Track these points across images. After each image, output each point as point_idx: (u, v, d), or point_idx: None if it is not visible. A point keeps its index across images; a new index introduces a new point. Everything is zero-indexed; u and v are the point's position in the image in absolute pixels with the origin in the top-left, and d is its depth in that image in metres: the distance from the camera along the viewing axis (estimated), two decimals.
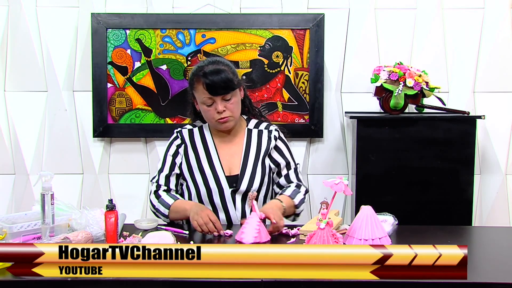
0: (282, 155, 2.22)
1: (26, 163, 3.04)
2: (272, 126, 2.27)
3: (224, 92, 2.07)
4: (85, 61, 2.99)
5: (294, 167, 2.24)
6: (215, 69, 2.08)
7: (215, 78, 2.05)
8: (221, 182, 2.12)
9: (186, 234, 1.94)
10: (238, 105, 2.15)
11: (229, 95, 2.09)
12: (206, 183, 2.12)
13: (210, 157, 2.16)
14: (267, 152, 2.19)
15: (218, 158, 2.16)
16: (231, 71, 2.12)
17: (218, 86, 2.05)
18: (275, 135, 2.23)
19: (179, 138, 2.22)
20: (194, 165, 2.16)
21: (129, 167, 3.06)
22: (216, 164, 2.15)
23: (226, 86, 2.07)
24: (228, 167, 2.15)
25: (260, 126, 2.26)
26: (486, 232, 2.28)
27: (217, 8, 2.99)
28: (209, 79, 2.05)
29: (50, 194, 1.76)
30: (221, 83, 2.05)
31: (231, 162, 2.16)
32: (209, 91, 2.06)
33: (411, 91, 2.69)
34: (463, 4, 2.99)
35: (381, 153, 2.69)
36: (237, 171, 2.15)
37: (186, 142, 2.20)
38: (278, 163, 2.21)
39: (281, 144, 2.24)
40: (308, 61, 2.97)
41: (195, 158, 2.17)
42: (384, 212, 1.98)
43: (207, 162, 2.15)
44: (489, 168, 3.03)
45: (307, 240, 1.72)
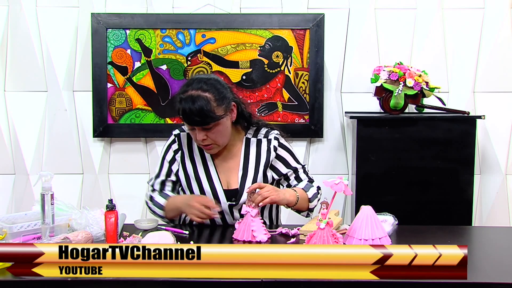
0: (287, 164, 2.12)
1: (26, 163, 3.04)
2: (271, 133, 2.13)
3: (201, 124, 1.90)
4: (85, 61, 2.99)
5: (302, 169, 2.16)
6: (193, 96, 1.89)
7: (191, 107, 1.87)
8: (219, 196, 2.03)
9: (186, 234, 1.94)
10: (223, 133, 1.97)
11: (210, 125, 1.91)
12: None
13: (208, 170, 2.06)
14: (268, 165, 2.08)
15: (216, 171, 2.06)
16: (215, 98, 1.92)
17: (193, 117, 1.88)
18: (275, 145, 2.10)
19: (177, 142, 2.10)
20: (191, 175, 2.07)
21: (129, 167, 3.07)
22: (214, 178, 2.05)
23: (203, 120, 1.89)
24: (226, 181, 2.06)
25: (259, 134, 2.12)
26: (486, 232, 2.28)
27: (217, 8, 2.99)
28: (184, 107, 1.89)
29: (50, 194, 1.75)
30: (197, 114, 1.88)
31: (229, 176, 2.07)
32: (184, 119, 1.93)
33: (411, 91, 2.70)
34: (463, 4, 2.99)
35: (381, 153, 2.70)
36: (235, 185, 2.05)
37: (183, 148, 2.09)
38: (283, 173, 2.12)
39: (284, 152, 2.12)
40: (308, 61, 2.97)
41: (192, 168, 2.07)
42: (384, 212, 1.98)
43: (205, 175, 2.05)
44: (489, 168, 3.03)
45: (307, 240, 1.72)
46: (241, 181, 2.05)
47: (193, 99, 1.89)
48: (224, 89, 1.98)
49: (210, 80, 1.97)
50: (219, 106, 1.93)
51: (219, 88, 1.96)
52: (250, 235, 1.83)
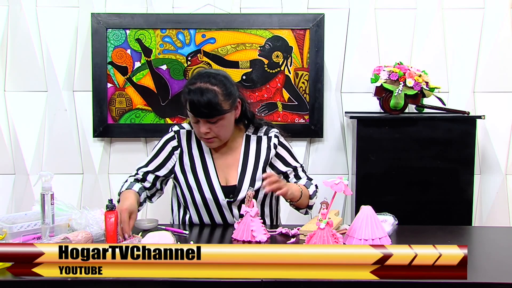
0: (286, 163, 2.13)
1: (26, 163, 3.04)
2: (272, 131, 2.14)
3: (207, 116, 1.92)
4: (85, 61, 2.99)
5: (301, 168, 2.17)
6: (202, 88, 1.91)
7: (199, 99, 1.90)
8: (217, 193, 2.02)
9: (186, 234, 1.94)
10: (226, 128, 1.99)
11: (215, 119, 1.93)
12: (201, 193, 2.03)
13: (206, 166, 2.06)
14: (267, 163, 2.09)
15: (214, 167, 2.06)
16: (223, 92, 1.94)
17: (201, 108, 1.90)
18: (275, 143, 2.10)
19: (176, 139, 2.09)
20: (189, 171, 2.06)
21: (129, 167, 3.03)
22: (212, 174, 2.04)
23: (209, 112, 1.91)
24: (225, 177, 2.06)
25: (260, 131, 2.14)
26: (486, 232, 2.28)
27: (217, 8, 2.99)
28: (192, 99, 1.90)
29: (50, 194, 1.75)
30: (204, 106, 1.90)
31: (227, 172, 2.06)
32: (191, 110, 1.93)
33: (411, 91, 2.70)
34: (463, 4, 2.99)
35: (381, 153, 2.70)
36: (234, 181, 2.05)
37: (182, 146, 2.08)
38: (282, 172, 2.13)
39: (283, 151, 2.13)
40: (308, 61, 2.97)
41: (190, 164, 2.06)
42: (384, 212, 1.98)
43: (203, 172, 2.05)
44: (489, 168, 3.03)
45: (307, 240, 1.72)
46: (240, 178, 2.05)
47: (202, 91, 1.91)
48: (232, 86, 2.01)
49: (219, 76, 2.00)
50: (226, 100, 1.95)
51: (227, 84, 1.98)
52: (249, 235, 1.83)
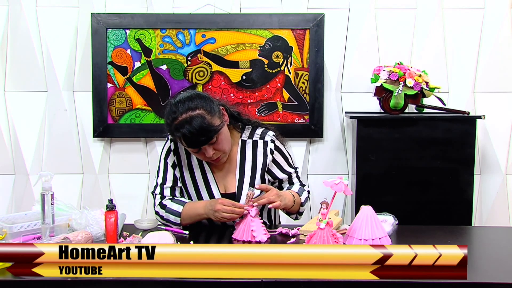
0: (282, 170, 2.14)
1: (26, 163, 3.03)
2: (267, 134, 2.12)
3: (207, 141, 1.88)
4: (85, 61, 2.99)
5: (295, 174, 2.18)
6: (186, 120, 1.85)
7: (191, 130, 1.84)
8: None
9: (186, 234, 1.94)
10: (226, 139, 1.97)
11: (214, 138, 1.90)
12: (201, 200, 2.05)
13: (205, 174, 2.06)
14: (265, 169, 2.09)
15: (213, 175, 2.06)
16: (207, 111, 1.89)
17: (197, 138, 1.86)
18: (271, 148, 2.09)
19: (173, 147, 2.07)
20: (188, 179, 2.07)
21: (129, 167, 3.07)
22: (211, 182, 2.05)
23: (206, 137, 1.87)
24: (224, 185, 2.07)
25: (255, 135, 2.11)
26: (486, 232, 2.28)
27: (217, 8, 2.99)
28: (184, 133, 1.85)
29: (50, 194, 1.76)
30: (199, 134, 1.85)
31: (226, 180, 2.07)
32: (189, 145, 1.90)
33: (411, 91, 2.69)
34: (463, 4, 2.99)
35: (381, 153, 2.69)
36: (233, 189, 2.05)
37: (181, 157, 2.08)
38: (278, 178, 2.14)
39: (279, 157, 2.13)
40: (308, 61, 2.97)
41: (189, 173, 2.07)
42: (384, 212, 1.98)
43: (202, 180, 2.05)
44: (489, 168, 3.03)
45: (307, 240, 1.72)
46: (238, 185, 2.06)
47: (188, 122, 1.85)
48: (209, 100, 1.95)
49: (192, 97, 1.93)
50: (214, 117, 1.91)
51: (204, 101, 1.92)
52: (249, 235, 1.83)
